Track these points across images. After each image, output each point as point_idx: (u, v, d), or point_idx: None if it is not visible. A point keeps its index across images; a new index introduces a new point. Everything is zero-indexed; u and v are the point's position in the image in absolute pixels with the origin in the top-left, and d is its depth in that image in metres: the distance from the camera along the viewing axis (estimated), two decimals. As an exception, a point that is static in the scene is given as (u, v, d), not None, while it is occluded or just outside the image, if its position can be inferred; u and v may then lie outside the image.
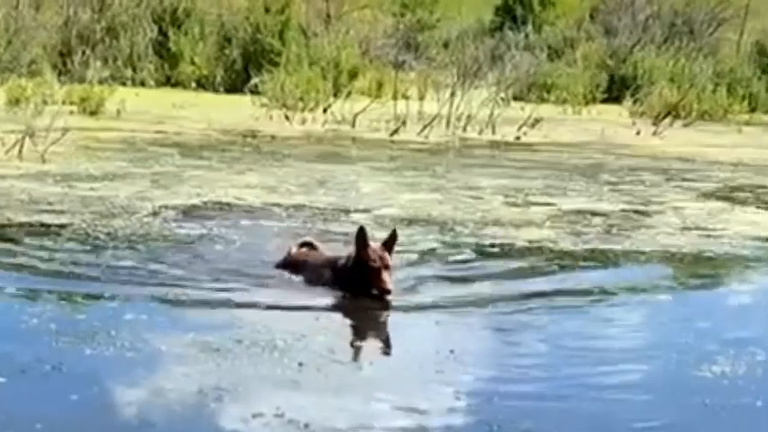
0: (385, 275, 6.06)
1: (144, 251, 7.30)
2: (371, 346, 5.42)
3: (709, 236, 8.91)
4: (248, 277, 6.59)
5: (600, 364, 5.25)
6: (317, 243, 7.08)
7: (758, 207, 10.93)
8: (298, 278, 6.54)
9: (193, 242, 7.72)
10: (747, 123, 22.19)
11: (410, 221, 8.97)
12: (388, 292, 6.04)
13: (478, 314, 6.05)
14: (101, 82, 19.17)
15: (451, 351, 5.26)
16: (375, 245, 6.21)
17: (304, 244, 7.03)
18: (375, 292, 6.08)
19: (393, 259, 6.23)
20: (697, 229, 9.27)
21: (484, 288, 6.64)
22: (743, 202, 11.22)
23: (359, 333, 5.67)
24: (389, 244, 6.25)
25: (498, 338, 5.65)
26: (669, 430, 4.41)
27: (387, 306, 6.02)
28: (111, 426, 4.22)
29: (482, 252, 7.79)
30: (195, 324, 5.52)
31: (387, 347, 5.55)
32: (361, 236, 6.20)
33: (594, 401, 4.69)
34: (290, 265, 6.76)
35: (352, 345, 5.36)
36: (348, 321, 5.87)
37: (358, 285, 6.15)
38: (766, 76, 27.23)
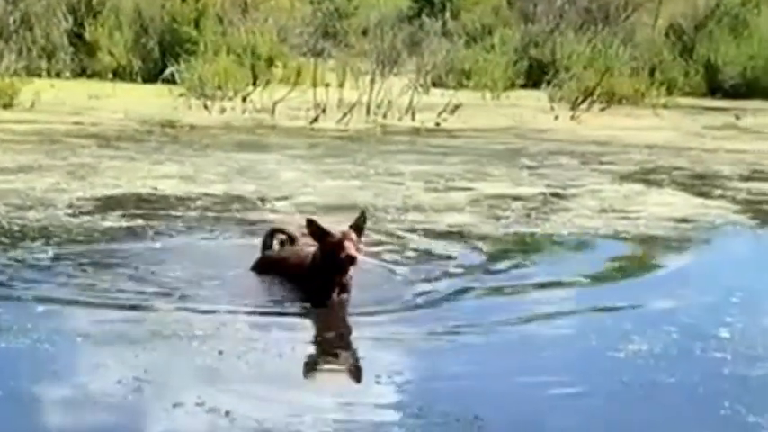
0: (347, 244, 5.72)
1: (60, 244, 7.21)
2: (292, 334, 5.41)
3: (625, 218, 9.03)
4: (167, 270, 6.52)
5: (519, 345, 5.31)
6: (290, 230, 6.63)
7: (673, 189, 11.08)
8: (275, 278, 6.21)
9: (111, 235, 7.64)
10: (664, 107, 22.45)
11: (331, 208, 8.97)
12: (353, 257, 5.69)
13: (402, 301, 6.05)
14: (15, 74, 18.87)
15: (375, 339, 5.27)
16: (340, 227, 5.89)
17: (276, 231, 6.63)
18: (339, 263, 5.71)
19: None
20: (614, 211, 9.38)
21: (405, 274, 6.65)
22: (658, 184, 11.37)
23: (279, 322, 5.63)
24: (357, 226, 5.90)
25: (421, 324, 5.63)
26: (587, 406, 4.47)
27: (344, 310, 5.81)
28: (29, 419, 4.17)
29: (403, 237, 7.81)
30: (112, 316, 5.48)
31: (308, 336, 5.54)
32: (312, 224, 5.86)
33: (513, 382, 4.74)
34: (265, 264, 6.39)
35: (272, 333, 5.34)
36: (269, 310, 5.83)
37: (326, 280, 5.82)
38: (683, 60, 27.54)
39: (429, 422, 4.19)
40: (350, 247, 5.72)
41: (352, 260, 5.74)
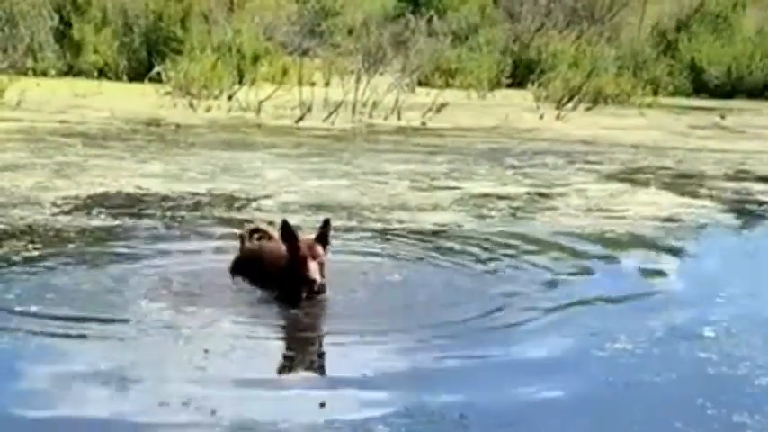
0: (310, 265, 5.72)
1: (45, 243, 7.19)
2: (278, 333, 5.41)
3: (611, 217, 9.05)
4: (152, 269, 6.51)
5: (505, 345, 5.30)
6: (269, 230, 6.60)
7: (658, 188, 11.11)
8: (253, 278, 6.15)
9: (96, 233, 7.63)
10: (649, 106, 22.51)
11: (317, 207, 8.97)
12: (313, 281, 5.73)
13: (382, 298, 6.05)
14: (0, 72, 18.82)
15: (363, 340, 5.27)
16: (306, 238, 5.86)
17: (254, 231, 6.60)
18: (302, 283, 5.74)
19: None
20: (599, 210, 9.40)
21: (388, 272, 6.65)
22: (644, 184, 11.40)
23: (265, 321, 5.63)
24: (322, 237, 5.88)
25: (407, 325, 5.59)
26: (572, 406, 4.48)
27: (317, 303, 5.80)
28: (12, 415, 4.16)
29: (388, 236, 7.80)
30: (98, 313, 5.46)
31: (295, 335, 5.52)
32: (287, 229, 5.84)
33: (499, 382, 4.74)
34: (244, 261, 6.31)
35: (258, 332, 5.34)
36: (253, 308, 5.83)
37: (293, 285, 5.82)
38: (667, 60, 27.61)
39: (414, 421, 4.19)
40: (312, 270, 5.72)
41: (311, 284, 5.75)
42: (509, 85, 25.70)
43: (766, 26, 28.55)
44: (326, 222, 5.98)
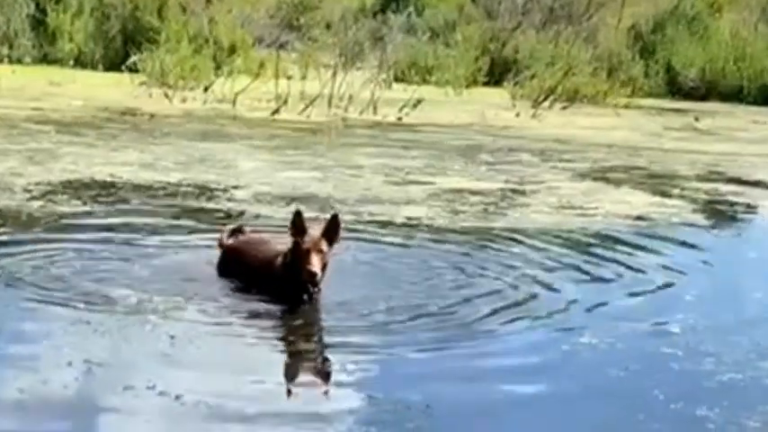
0: (313, 257, 5.56)
1: (16, 226, 7.18)
2: (243, 320, 5.40)
3: (583, 214, 9.09)
4: (121, 257, 6.50)
5: (475, 341, 5.31)
6: (247, 230, 6.57)
7: (631, 187, 11.15)
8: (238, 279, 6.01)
9: (67, 220, 7.61)
10: (625, 107, 22.57)
11: (290, 199, 8.97)
12: (314, 274, 5.54)
13: (351, 290, 6.06)
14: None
15: (331, 331, 5.27)
16: (314, 232, 5.66)
17: (234, 231, 6.49)
18: (300, 274, 5.57)
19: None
20: (572, 208, 9.44)
21: (358, 265, 6.67)
22: (617, 183, 11.44)
23: (231, 308, 5.63)
24: (330, 232, 5.69)
25: (378, 320, 5.58)
26: (537, 400, 4.51)
27: (316, 305, 5.69)
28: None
29: (359, 228, 7.81)
30: (64, 298, 5.46)
31: (261, 324, 5.51)
32: (298, 221, 5.67)
33: (469, 376, 4.77)
34: (228, 261, 6.18)
35: (223, 319, 5.34)
36: (220, 297, 5.82)
37: (294, 283, 5.65)
38: (644, 61, 27.68)
39: (380, 410, 4.21)
40: (314, 264, 5.56)
41: (311, 276, 5.58)
42: (486, 83, 25.68)
43: (741, 30, 28.65)
44: (334, 217, 5.78)
